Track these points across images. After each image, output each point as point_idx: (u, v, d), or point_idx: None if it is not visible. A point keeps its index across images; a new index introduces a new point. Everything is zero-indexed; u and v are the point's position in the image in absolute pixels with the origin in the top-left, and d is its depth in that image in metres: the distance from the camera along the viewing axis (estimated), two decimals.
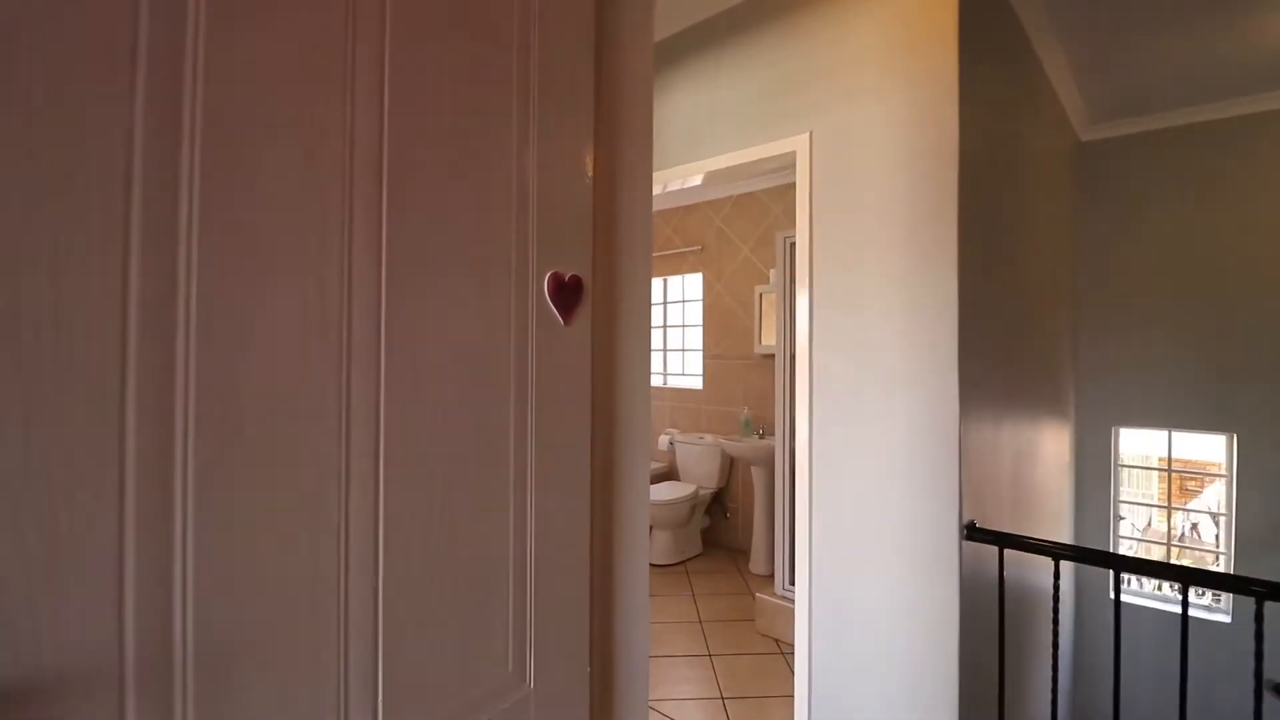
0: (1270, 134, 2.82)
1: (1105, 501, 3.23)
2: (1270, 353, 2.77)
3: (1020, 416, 2.17)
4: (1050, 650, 1.55)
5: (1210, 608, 3.06)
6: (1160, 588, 3.75)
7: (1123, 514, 3.31)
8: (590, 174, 0.85)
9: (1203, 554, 4.17)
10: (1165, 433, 3.18)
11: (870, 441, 1.74)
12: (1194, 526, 7.57)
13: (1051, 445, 2.71)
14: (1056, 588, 1.48)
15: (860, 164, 1.78)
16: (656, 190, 2.39)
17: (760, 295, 4.23)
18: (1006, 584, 1.64)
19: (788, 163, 1.97)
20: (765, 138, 1.98)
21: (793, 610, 1.97)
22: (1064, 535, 3.03)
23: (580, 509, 0.81)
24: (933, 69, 1.66)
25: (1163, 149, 3.07)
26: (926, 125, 1.66)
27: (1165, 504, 3.76)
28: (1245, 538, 2.86)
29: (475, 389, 0.67)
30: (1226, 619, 2.94)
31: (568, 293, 0.79)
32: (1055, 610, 1.51)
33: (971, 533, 1.58)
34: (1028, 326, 2.31)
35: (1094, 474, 3.24)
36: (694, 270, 4.71)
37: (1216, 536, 6.00)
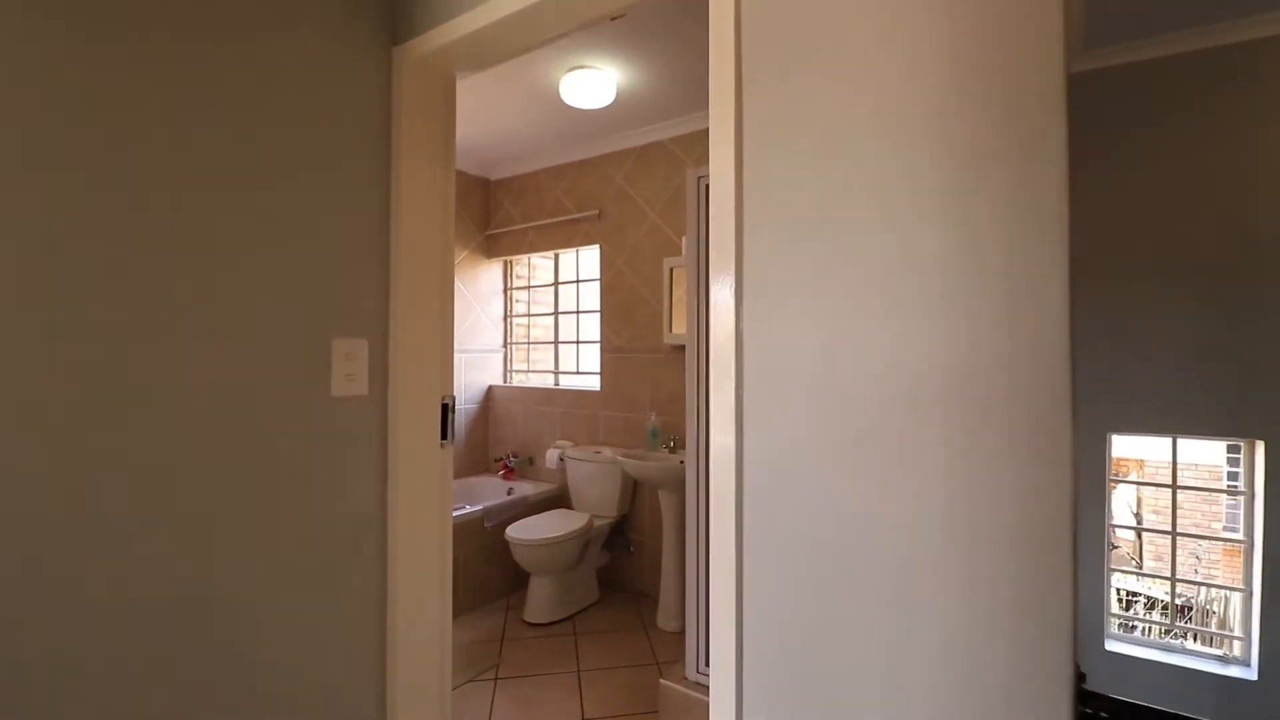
0: None
1: (1099, 523, 2.56)
2: None
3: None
4: None
5: (1225, 659, 2.44)
6: (1150, 631, 3.16)
7: (1115, 542, 2.67)
8: None
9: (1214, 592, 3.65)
10: (1169, 440, 2.55)
11: (866, 501, 0.86)
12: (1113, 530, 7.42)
13: None
14: None
15: None
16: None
17: (671, 270, 3.35)
18: None
19: None
20: None
21: (709, 705, 1.06)
22: None
23: None
24: None
25: (1167, 79, 2.43)
26: None
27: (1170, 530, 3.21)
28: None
29: None
30: (1251, 675, 2.32)
31: None
32: None
33: (1087, 703, 0.73)
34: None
35: (1085, 490, 2.56)
36: (589, 243, 3.77)
37: (1136, 541, 5.66)
